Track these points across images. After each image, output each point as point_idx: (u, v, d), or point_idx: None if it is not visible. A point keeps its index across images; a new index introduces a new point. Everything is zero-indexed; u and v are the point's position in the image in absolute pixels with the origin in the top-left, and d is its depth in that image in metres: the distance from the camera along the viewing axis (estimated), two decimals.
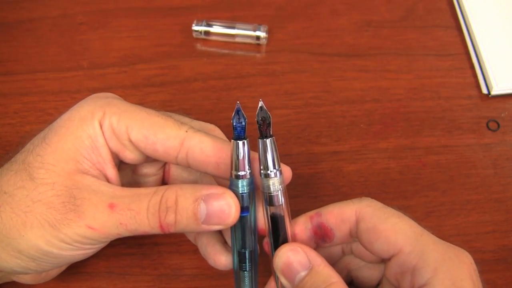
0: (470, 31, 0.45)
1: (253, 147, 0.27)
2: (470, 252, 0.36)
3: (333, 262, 0.30)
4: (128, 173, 0.32)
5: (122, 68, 0.44)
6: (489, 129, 0.41)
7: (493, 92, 0.42)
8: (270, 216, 0.27)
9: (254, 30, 0.44)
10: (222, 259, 0.30)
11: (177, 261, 0.35)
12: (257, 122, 0.27)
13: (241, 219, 0.27)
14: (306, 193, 0.38)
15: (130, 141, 0.28)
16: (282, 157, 0.39)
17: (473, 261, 0.26)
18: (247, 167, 0.26)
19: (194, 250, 0.36)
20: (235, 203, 0.26)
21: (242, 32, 0.45)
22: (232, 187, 0.27)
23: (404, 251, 0.25)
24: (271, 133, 0.27)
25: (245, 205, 0.27)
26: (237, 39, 0.45)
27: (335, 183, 0.39)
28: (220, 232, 0.32)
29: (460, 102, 0.42)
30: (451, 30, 0.46)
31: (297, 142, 0.40)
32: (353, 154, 0.40)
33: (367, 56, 0.45)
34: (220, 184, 0.30)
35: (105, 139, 0.28)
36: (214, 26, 0.45)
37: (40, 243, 0.26)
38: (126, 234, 0.27)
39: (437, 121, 0.41)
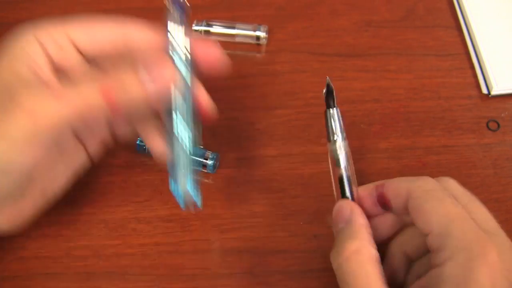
0: (470, 31, 0.45)
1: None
2: None
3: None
4: None
5: None
6: (489, 129, 0.41)
7: (493, 92, 0.42)
8: (338, 178, 0.32)
9: (254, 30, 0.44)
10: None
11: (177, 261, 0.35)
12: (324, 94, 0.32)
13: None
14: (306, 193, 0.38)
15: (76, 48, 0.29)
16: (283, 157, 0.40)
17: (508, 260, 0.25)
18: (183, 48, 0.30)
19: (194, 250, 0.36)
20: (171, 65, 0.29)
21: (242, 32, 0.45)
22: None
23: (433, 232, 0.27)
24: (335, 103, 0.31)
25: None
26: (237, 39, 0.45)
27: None
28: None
29: (460, 102, 0.42)
30: (451, 30, 0.46)
31: (297, 142, 0.40)
32: (353, 154, 0.40)
33: (367, 56, 0.45)
34: None
35: (46, 51, 0.28)
36: (214, 26, 0.45)
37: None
38: (75, 119, 0.26)
39: (437, 121, 0.41)
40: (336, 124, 0.32)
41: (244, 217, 0.37)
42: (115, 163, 0.39)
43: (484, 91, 0.43)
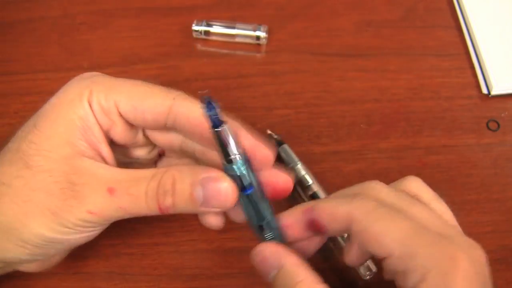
0: (470, 31, 0.45)
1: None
2: None
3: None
4: (120, 158, 0.32)
5: (122, 68, 0.44)
6: (489, 129, 0.41)
7: (493, 92, 0.42)
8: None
9: (254, 30, 0.44)
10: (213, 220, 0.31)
11: (177, 261, 0.35)
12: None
13: (249, 197, 0.27)
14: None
15: (120, 115, 0.28)
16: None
17: (477, 261, 0.24)
18: (234, 150, 0.26)
19: (194, 250, 0.36)
20: (231, 186, 0.26)
21: (242, 32, 0.45)
22: (228, 172, 0.27)
23: (394, 255, 0.25)
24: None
25: (247, 183, 0.27)
26: (237, 39, 0.45)
27: (335, 183, 0.39)
28: None
29: (460, 102, 0.42)
30: (451, 30, 0.46)
31: (297, 142, 0.40)
32: (353, 154, 0.40)
33: (367, 56, 0.45)
34: (218, 166, 0.29)
35: (96, 118, 0.28)
36: (214, 26, 0.45)
37: (43, 231, 0.26)
38: (127, 216, 0.28)
39: (437, 121, 0.41)
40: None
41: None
42: None
43: (484, 91, 0.43)
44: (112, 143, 0.30)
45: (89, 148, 0.28)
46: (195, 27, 0.45)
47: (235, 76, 0.44)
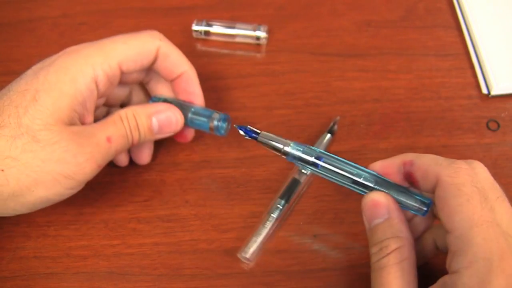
0: (470, 31, 0.45)
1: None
2: None
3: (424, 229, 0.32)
4: None
5: None
6: (489, 129, 0.41)
7: (493, 92, 0.42)
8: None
9: (254, 30, 0.44)
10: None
11: (177, 261, 0.35)
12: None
13: (325, 164, 0.31)
14: (306, 193, 0.38)
15: (122, 72, 0.34)
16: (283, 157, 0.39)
17: None
18: (280, 144, 0.33)
19: (194, 250, 0.36)
20: (178, 113, 0.36)
21: (242, 32, 0.45)
22: (292, 159, 0.32)
23: (454, 234, 0.26)
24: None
25: (312, 157, 0.32)
26: (237, 39, 0.45)
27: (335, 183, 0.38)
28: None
29: (460, 102, 0.42)
30: (451, 30, 0.46)
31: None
32: (353, 154, 0.40)
33: (367, 56, 0.45)
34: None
35: (98, 90, 0.33)
36: (214, 26, 0.45)
37: (49, 195, 0.31)
38: (113, 157, 0.34)
39: (437, 121, 0.41)
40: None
41: (244, 217, 0.37)
42: (115, 163, 0.39)
43: (484, 91, 0.43)
44: None
45: (78, 117, 0.32)
46: (195, 27, 0.45)
47: (235, 76, 0.44)
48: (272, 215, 0.36)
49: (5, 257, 0.36)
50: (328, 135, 0.39)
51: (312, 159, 0.31)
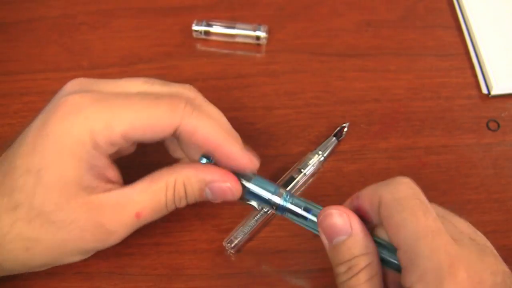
0: (470, 31, 0.45)
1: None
2: None
3: None
4: None
5: (122, 68, 0.44)
6: (489, 129, 0.41)
7: (493, 92, 0.42)
8: None
9: (254, 30, 0.44)
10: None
11: (177, 261, 0.35)
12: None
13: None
14: (306, 193, 0.38)
15: (127, 140, 0.29)
16: (282, 157, 0.40)
17: (478, 274, 0.24)
18: (268, 197, 0.31)
19: (194, 250, 0.36)
20: (236, 183, 0.30)
21: (242, 32, 0.45)
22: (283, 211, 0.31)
23: (402, 249, 0.25)
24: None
25: (302, 208, 0.31)
26: (237, 39, 0.45)
27: (335, 183, 0.39)
28: None
29: (460, 102, 0.42)
30: (451, 30, 0.46)
31: (297, 142, 0.40)
32: (353, 154, 0.40)
33: (367, 56, 0.45)
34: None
35: (101, 152, 0.29)
36: (214, 26, 0.45)
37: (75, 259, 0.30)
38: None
39: (437, 121, 0.41)
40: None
41: (244, 217, 0.37)
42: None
43: (484, 91, 0.43)
44: None
45: (98, 179, 0.28)
46: (195, 27, 0.45)
47: (235, 76, 0.44)
48: (263, 209, 0.36)
49: None
50: (334, 139, 0.39)
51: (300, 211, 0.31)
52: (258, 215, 0.36)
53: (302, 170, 0.38)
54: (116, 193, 0.29)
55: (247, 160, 0.30)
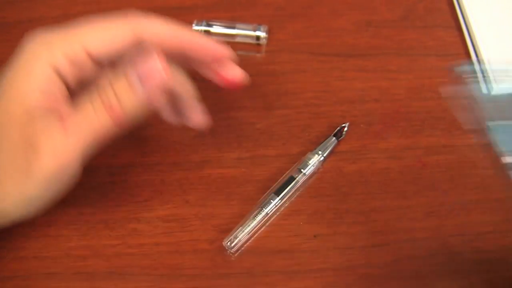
0: (470, 31, 0.45)
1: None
2: (470, 252, 0.36)
3: None
4: None
5: None
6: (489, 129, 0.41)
7: (493, 92, 0.42)
8: None
9: (254, 30, 0.44)
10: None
11: (177, 261, 0.35)
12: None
13: None
14: (307, 193, 0.38)
15: (93, 56, 0.29)
16: (283, 157, 0.40)
17: None
18: None
19: (194, 250, 0.36)
20: (157, 58, 0.27)
21: (242, 32, 0.45)
22: None
23: None
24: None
25: None
26: (237, 39, 0.45)
27: (335, 183, 0.39)
28: None
29: (460, 102, 0.42)
30: (451, 30, 0.46)
31: (297, 142, 0.40)
32: (353, 154, 0.40)
33: (367, 56, 0.45)
34: None
35: (64, 79, 0.29)
36: (214, 26, 0.45)
37: (16, 196, 0.28)
38: (89, 147, 0.28)
39: (437, 121, 0.41)
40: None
41: (244, 217, 0.37)
42: (115, 163, 0.39)
43: (484, 90, 0.43)
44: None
45: (47, 111, 0.28)
46: (195, 27, 0.45)
47: None
48: (263, 209, 0.36)
49: (5, 257, 0.36)
50: (334, 139, 0.39)
51: None
52: (258, 215, 0.36)
53: (302, 170, 0.38)
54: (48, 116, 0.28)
55: (220, 47, 0.31)
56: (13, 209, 0.29)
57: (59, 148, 0.27)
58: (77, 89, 0.30)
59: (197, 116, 0.35)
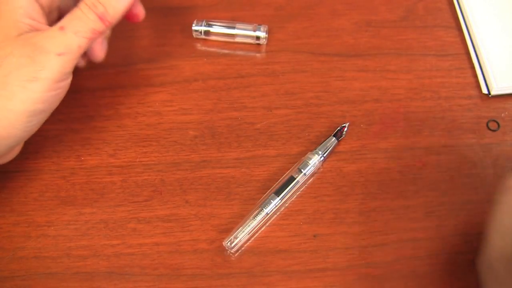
0: (470, 31, 0.45)
1: None
2: (470, 252, 0.36)
3: None
4: None
5: (122, 68, 0.44)
6: (489, 129, 0.41)
7: (493, 92, 0.42)
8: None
9: (254, 30, 0.44)
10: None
11: (177, 261, 0.36)
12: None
13: None
14: (307, 193, 0.38)
15: None
16: (282, 157, 0.40)
17: None
18: None
19: (194, 250, 0.36)
20: None
21: (242, 32, 0.45)
22: None
23: None
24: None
25: None
26: (237, 39, 0.45)
27: (335, 183, 0.39)
28: None
29: (460, 102, 0.42)
30: (451, 30, 0.46)
31: (297, 142, 0.40)
32: (353, 154, 0.40)
33: (367, 56, 0.45)
34: None
35: (40, 2, 0.33)
36: (214, 26, 0.45)
37: (29, 106, 0.31)
38: (84, 41, 0.33)
39: (437, 121, 0.41)
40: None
41: (244, 217, 0.37)
42: (115, 163, 0.39)
43: (484, 91, 0.43)
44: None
45: (31, 27, 0.33)
46: (195, 27, 0.45)
47: (235, 76, 0.44)
48: (263, 209, 0.36)
49: (5, 257, 0.36)
50: (334, 139, 0.39)
51: None
52: (258, 215, 0.36)
53: (302, 170, 0.38)
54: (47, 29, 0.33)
55: None
56: (17, 123, 0.32)
57: (63, 44, 0.32)
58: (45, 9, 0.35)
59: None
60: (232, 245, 0.35)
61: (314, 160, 0.38)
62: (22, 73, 0.31)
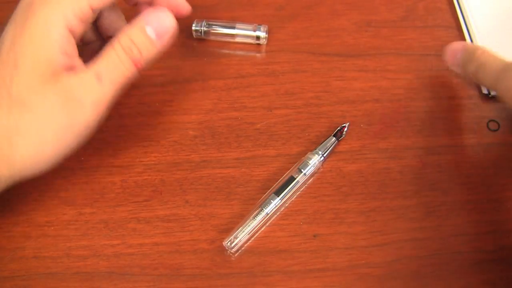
0: (470, 31, 0.45)
1: None
2: (470, 252, 0.36)
3: None
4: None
5: None
6: (489, 129, 0.41)
7: (493, 92, 0.42)
8: None
9: (254, 30, 0.44)
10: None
11: (177, 261, 0.36)
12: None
13: None
14: (307, 193, 0.38)
15: (93, 10, 0.33)
16: (282, 157, 0.40)
17: None
18: None
19: (194, 250, 0.36)
20: (166, 12, 0.34)
21: (242, 32, 0.45)
22: None
23: None
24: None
25: None
26: (237, 39, 0.45)
27: (335, 183, 0.39)
28: None
29: (460, 102, 0.42)
30: (451, 30, 0.46)
31: (297, 142, 0.40)
32: (353, 154, 0.40)
33: (367, 56, 0.45)
34: None
35: (75, 36, 0.32)
36: (214, 26, 0.45)
37: (60, 151, 0.32)
38: (117, 90, 0.33)
39: (437, 121, 0.41)
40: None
41: (244, 217, 0.37)
42: (115, 163, 0.39)
43: (484, 91, 0.43)
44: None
45: (65, 66, 0.31)
46: (195, 27, 0.45)
47: (235, 76, 0.44)
48: (263, 209, 0.36)
49: (5, 257, 0.36)
50: (334, 139, 0.39)
51: None
52: (258, 215, 0.36)
53: (302, 170, 0.38)
54: (82, 71, 0.32)
55: None
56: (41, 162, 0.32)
57: (98, 96, 0.32)
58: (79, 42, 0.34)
59: None
60: (232, 245, 0.35)
61: (314, 160, 0.38)
62: (56, 122, 0.31)
